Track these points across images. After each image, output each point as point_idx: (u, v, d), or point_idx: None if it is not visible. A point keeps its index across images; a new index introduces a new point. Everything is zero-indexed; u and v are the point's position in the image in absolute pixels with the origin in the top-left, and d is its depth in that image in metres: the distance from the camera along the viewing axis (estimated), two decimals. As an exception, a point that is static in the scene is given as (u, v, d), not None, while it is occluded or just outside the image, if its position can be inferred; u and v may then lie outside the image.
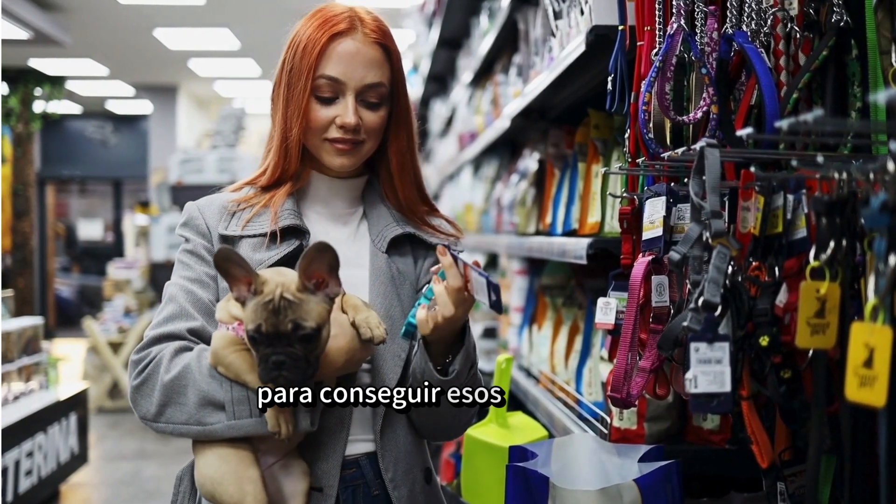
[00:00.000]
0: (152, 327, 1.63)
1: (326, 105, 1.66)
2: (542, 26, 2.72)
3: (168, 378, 1.55)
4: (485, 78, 4.16)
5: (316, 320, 1.46)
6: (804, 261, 1.20)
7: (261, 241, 1.66)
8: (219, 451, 1.53)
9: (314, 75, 1.65)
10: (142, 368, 1.58)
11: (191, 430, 1.54)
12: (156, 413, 1.56)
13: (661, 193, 1.56)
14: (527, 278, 3.25)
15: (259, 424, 1.51)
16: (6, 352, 5.33)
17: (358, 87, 1.65)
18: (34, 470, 5.24)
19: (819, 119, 1.02)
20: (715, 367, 1.21)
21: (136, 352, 1.61)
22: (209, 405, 1.53)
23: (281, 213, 1.67)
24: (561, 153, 2.73)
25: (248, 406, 1.51)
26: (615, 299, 1.75)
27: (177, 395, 1.55)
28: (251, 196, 1.72)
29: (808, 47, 1.42)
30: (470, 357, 1.61)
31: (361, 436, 1.65)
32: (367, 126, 1.68)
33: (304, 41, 1.66)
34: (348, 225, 1.77)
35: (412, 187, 1.77)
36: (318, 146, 1.69)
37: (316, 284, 1.48)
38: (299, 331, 1.44)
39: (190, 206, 1.73)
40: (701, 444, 1.93)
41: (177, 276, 1.68)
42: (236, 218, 1.69)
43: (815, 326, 1.13)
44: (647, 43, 1.69)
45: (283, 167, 1.70)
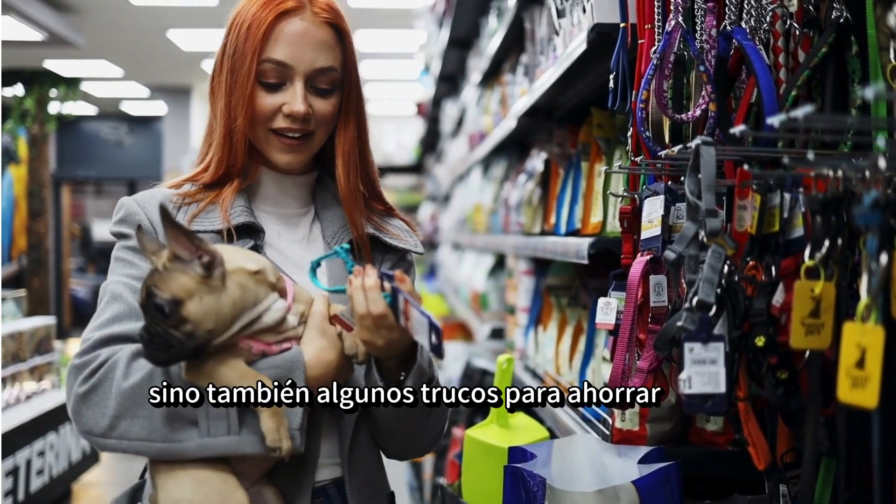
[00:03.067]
0: (96, 328, 1.44)
1: (272, 92, 1.52)
2: (547, 25, 2.71)
3: (127, 385, 1.36)
4: (493, 78, 4.15)
5: (172, 290, 1.30)
6: (801, 260, 1.19)
7: (213, 238, 1.50)
8: (195, 472, 1.36)
9: (259, 59, 1.50)
10: (89, 373, 1.38)
11: (152, 447, 1.36)
12: (107, 427, 1.36)
13: (659, 192, 1.54)
14: (533, 278, 3.24)
15: (237, 443, 1.35)
16: (18, 351, 5.35)
17: (307, 71, 1.51)
18: (46, 469, 5.27)
19: (810, 116, 1.00)
20: (709, 367, 1.20)
21: (78, 355, 1.41)
22: (178, 419, 1.35)
23: (233, 211, 1.53)
24: (566, 153, 2.72)
25: (225, 422, 1.35)
26: (616, 299, 1.74)
27: (137, 406, 1.35)
28: (195, 192, 1.57)
29: (807, 44, 1.40)
30: (425, 374, 1.47)
31: (328, 459, 1.53)
32: (317, 115, 1.53)
33: (247, 20, 1.51)
34: (300, 226, 1.63)
35: (359, 180, 1.61)
36: (263, 138, 1.55)
37: (199, 256, 1.32)
38: (151, 298, 1.30)
39: (126, 201, 1.56)
40: (704, 445, 1.91)
41: (118, 275, 1.50)
42: (182, 212, 1.54)
43: (809, 326, 1.11)
44: (647, 41, 1.68)
45: (229, 162, 1.55)
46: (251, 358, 1.38)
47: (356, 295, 1.36)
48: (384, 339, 1.38)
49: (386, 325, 1.36)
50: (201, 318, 1.31)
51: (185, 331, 1.30)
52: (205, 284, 1.32)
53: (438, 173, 8.47)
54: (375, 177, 1.67)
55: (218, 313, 1.32)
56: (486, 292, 4.43)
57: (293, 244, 1.61)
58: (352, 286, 1.37)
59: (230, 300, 1.33)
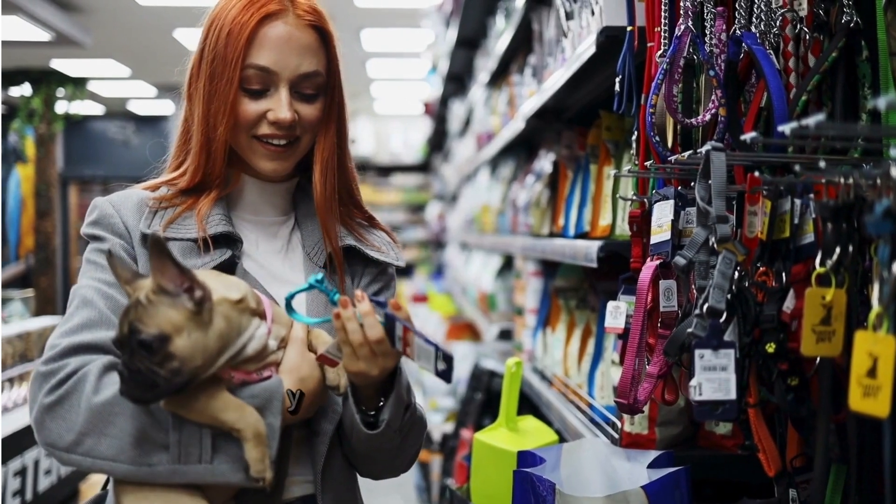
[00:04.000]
0: (64, 334, 1.36)
1: (256, 98, 1.46)
2: (555, 27, 2.70)
3: (97, 401, 1.29)
4: (501, 78, 4.15)
5: (160, 326, 1.23)
6: (812, 266, 1.18)
7: (189, 246, 1.45)
8: (163, 494, 1.30)
9: (241, 65, 1.43)
10: (57, 383, 1.31)
11: (119, 468, 1.29)
12: (72, 442, 1.29)
13: (668, 197, 1.54)
14: (541, 280, 3.24)
15: (209, 472, 1.29)
16: (26, 351, 5.37)
17: (292, 77, 1.45)
18: (54, 469, 5.28)
19: (822, 124, 1.00)
20: (720, 374, 1.20)
21: (45, 362, 1.34)
22: (148, 442, 1.29)
23: (211, 219, 1.47)
24: (574, 155, 2.71)
25: (198, 448, 1.29)
26: (625, 303, 1.74)
27: (106, 423, 1.29)
28: (171, 196, 1.50)
29: (817, 49, 1.40)
30: (402, 401, 1.42)
31: (299, 476, 1.47)
32: (303, 120, 1.48)
33: (227, 25, 1.44)
34: (279, 235, 1.57)
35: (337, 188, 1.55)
36: (246, 146, 1.49)
37: (186, 289, 1.26)
38: (135, 335, 1.22)
39: (100, 202, 1.49)
40: (713, 449, 1.91)
41: (89, 279, 1.43)
42: (158, 217, 1.47)
43: (820, 334, 1.11)
44: (656, 44, 1.67)
45: (206, 170, 1.48)
46: (231, 386, 1.33)
47: (349, 324, 1.30)
48: (379, 367, 1.33)
49: (382, 352, 1.31)
50: (189, 354, 1.24)
51: (172, 368, 1.23)
52: (193, 319, 1.25)
53: (445, 173, 8.47)
54: (355, 185, 1.62)
55: (205, 348, 1.26)
56: (494, 293, 4.42)
57: (271, 255, 1.55)
58: (342, 317, 1.30)
59: (216, 334, 1.27)
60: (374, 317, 1.30)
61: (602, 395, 2.24)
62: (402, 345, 1.30)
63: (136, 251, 1.46)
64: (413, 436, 1.50)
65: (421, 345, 1.27)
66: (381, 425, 1.40)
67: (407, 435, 1.47)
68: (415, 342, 1.28)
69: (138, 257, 1.45)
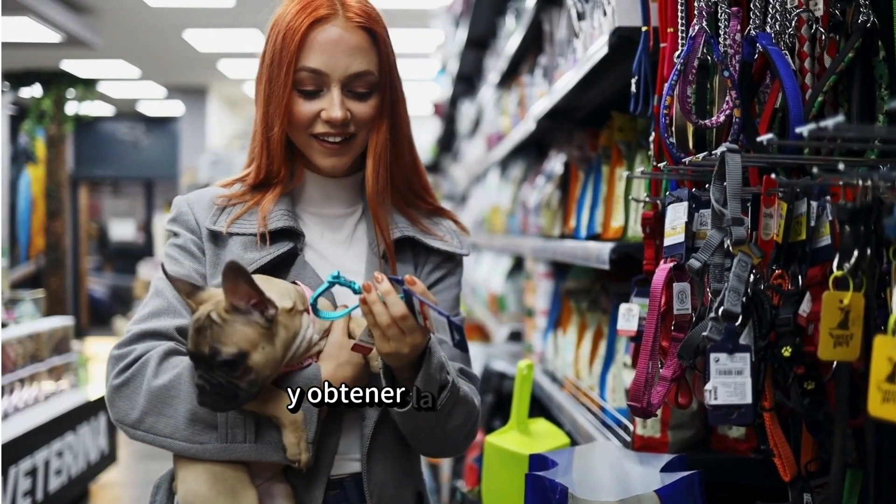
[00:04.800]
0: (136, 321, 1.52)
1: (310, 99, 1.54)
2: (566, 27, 2.69)
3: (156, 385, 1.44)
4: (511, 79, 4.14)
5: (238, 345, 1.35)
6: (828, 269, 1.17)
7: (251, 240, 1.55)
8: (212, 468, 1.44)
9: (294, 68, 1.52)
10: (124, 367, 1.46)
11: (175, 444, 1.44)
12: (136, 419, 1.44)
13: (682, 199, 1.53)
14: (552, 281, 3.23)
15: (252, 450, 1.43)
16: (37, 352, 5.38)
17: (342, 77, 1.52)
18: (64, 469, 5.29)
19: (840, 125, 0.98)
20: (735, 378, 1.19)
21: (117, 346, 1.49)
22: (199, 422, 1.43)
23: (273, 214, 1.56)
24: (585, 156, 2.70)
25: (243, 430, 1.43)
26: (637, 305, 1.73)
27: (163, 405, 1.44)
28: (242, 192, 1.61)
29: (833, 49, 1.38)
30: (435, 380, 1.45)
31: (348, 455, 1.56)
32: (357, 118, 1.55)
33: (282, 30, 1.53)
34: (344, 227, 1.65)
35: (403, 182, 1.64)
36: (305, 143, 1.57)
37: (254, 304, 1.37)
38: (217, 356, 1.35)
39: (179, 200, 1.62)
40: (726, 452, 1.90)
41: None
42: (225, 214, 1.58)
43: (838, 338, 1.09)
44: (670, 44, 1.66)
45: (268, 167, 1.59)
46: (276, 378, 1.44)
47: (375, 307, 1.36)
48: (409, 345, 1.38)
49: (408, 328, 1.37)
50: (263, 366, 1.37)
51: (250, 380, 1.36)
52: (265, 335, 1.37)
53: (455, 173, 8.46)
54: (419, 176, 1.68)
55: (275, 359, 1.39)
56: (504, 294, 4.41)
57: (335, 245, 1.63)
58: (368, 301, 1.37)
59: (281, 343, 1.40)
60: (395, 294, 1.37)
61: (614, 397, 2.23)
62: (423, 318, 1.35)
63: (204, 245, 1.57)
64: (456, 415, 1.53)
65: (435, 317, 1.33)
66: (408, 404, 1.44)
67: (449, 414, 1.50)
68: (431, 313, 1.33)
69: (206, 251, 1.57)
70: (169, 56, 11.29)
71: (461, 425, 1.55)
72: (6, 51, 9.60)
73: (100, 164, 15.25)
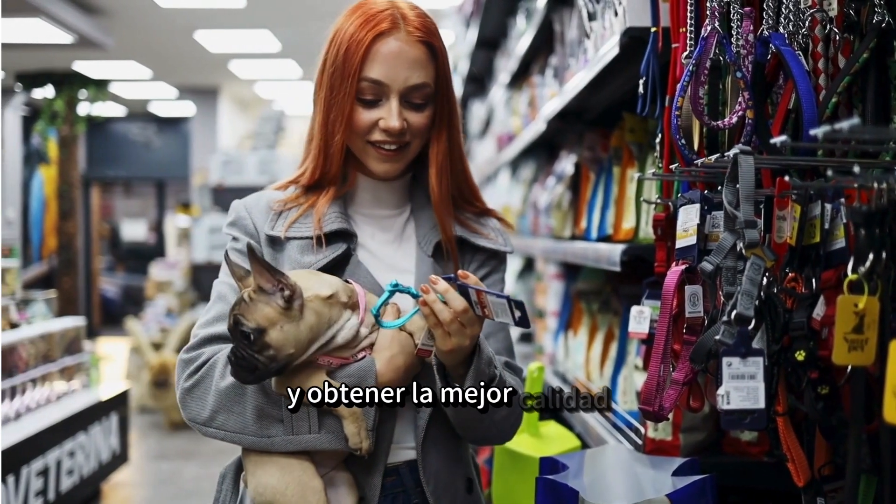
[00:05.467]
0: (201, 325, 1.61)
1: (369, 108, 1.61)
2: (577, 27, 2.68)
3: (224, 385, 1.53)
4: (522, 79, 4.13)
5: (257, 321, 1.45)
6: (842, 272, 1.16)
7: (308, 244, 1.63)
8: (280, 460, 1.53)
9: (357, 78, 1.59)
10: (194, 370, 1.56)
11: (245, 439, 1.53)
12: (207, 418, 1.54)
13: (694, 200, 1.51)
14: (563, 283, 3.21)
15: (317, 440, 1.52)
16: (49, 352, 5.39)
17: (402, 89, 1.60)
18: (76, 469, 5.30)
19: (856, 128, 0.97)
20: (748, 382, 1.17)
21: (185, 350, 1.59)
22: (266, 417, 1.53)
23: (328, 217, 1.64)
24: (596, 157, 2.69)
25: (307, 422, 1.52)
26: (649, 308, 1.72)
27: (232, 402, 1.53)
28: (296, 196, 1.69)
29: (848, 49, 1.37)
30: (483, 374, 1.52)
31: (404, 444, 1.63)
32: (412, 127, 1.62)
33: (345, 41, 1.60)
34: (394, 227, 1.72)
35: (451, 188, 1.71)
36: (361, 149, 1.65)
37: (280, 288, 1.46)
38: (238, 327, 1.46)
39: (237, 205, 1.70)
40: (738, 455, 1.88)
41: (224, 275, 1.65)
42: (282, 218, 1.66)
43: (852, 342, 1.08)
44: (681, 45, 1.64)
45: (324, 170, 1.66)
46: (332, 369, 1.53)
47: (436, 306, 1.44)
48: (469, 336, 1.46)
49: (469, 321, 1.45)
50: (282, 344, 1.46)
51: (268, 355, 1.46)
52: (285, 314, 1.46)
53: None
54: (470, 182, 1.76)
55: (297, 339, 1.47)
56: (515, 295, 4.40)
57: (385, 245, 1.70)
58: (428, 302, 1.45)
59: (307, 326, 1.48)
60: (453, 291, 1.44)
61: (625, 400, 2.22)
62: (480, 308, 1.43)
63: (263, 249, 1.65)
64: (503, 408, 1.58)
65: (494, 301, 1.41)
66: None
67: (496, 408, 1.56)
68: (489, 301, 1.41)
69: (265, 255, 1.64)
70: (180, 57, 11.31)
71: (507, 416, 1.62)
72: (19, 52, 9.65)
73: (111, 164, 15.30)
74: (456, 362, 1.51)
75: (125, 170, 15.47)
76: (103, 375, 6.29)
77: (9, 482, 4.47)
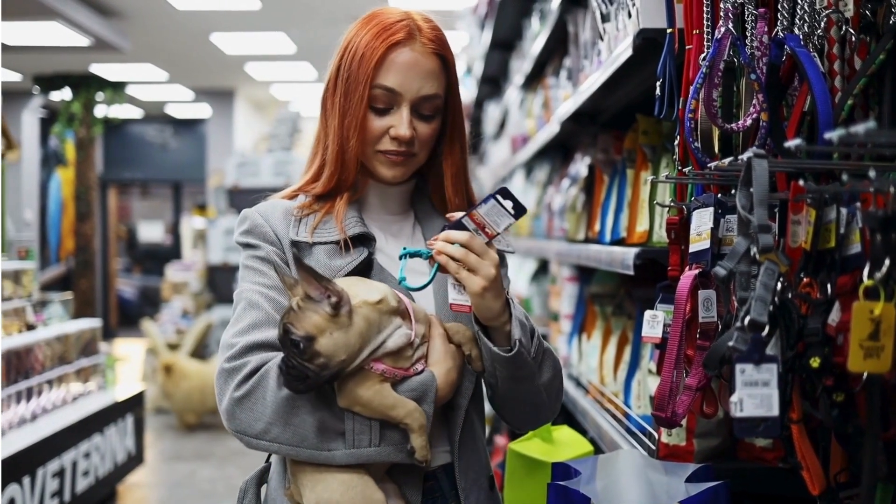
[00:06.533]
0: (238, 334, 1.56)
1: (380, 116, 1.63)
2: (591, 29, 2.66)
3: (283, 395, 1.49)
4: (536, 81, 4.11)
5: (306, 329, 1.44)
6: (858, 278, 1.14)
7: (334, 248, 1.63)
8: (340, 475, 1.51)
9: (371, 85, 1.61)
10: (243, 378, 1.51)
11: (302, 452, 1.50)
12: (261, 430, 1.49)
13: (708, 204, 1.50)
14: (577, 285, 3.20)
15: (377, 453, 1.50)
16: (65, 354, 5.42)
17: (414, 98, 1.62)
18: (91, 470, 5.32)
19: (872, 131, 0.95)
20: (762, 389, 1.15)
21: (228, 360, 1.53)
22: (328, 430, 1.50)
23: (348, 222, 1.65)
24: (610, 159, 2.67)
25: (368, 434, 1.50)
26: (662, 312, 1.70)
27: (290, 414, 1.49)
28: (309, 203, 1.68)
29: (864, 51, 1.35)
30: (525, 325, 1.56)
31: (439, 447, 1.63)
32: (420, 137, 1.64)
33: (360, 49, 1.62)
34: (403, 232, 1.75)
35: (464, 199, 1.74)
36: (370, 157, 1.66)
37: (327, 296, 1.45)
38: (287, 335, 1.44)
39: (251, 213, 1.68)
40: (753, 461, 1.86)
41: (251, 283, 1.61)
42: (303, 224, 1.65)
43: (868, 349, 1.06)
44: (695, 47, 1.63)
45: (341, 177, 1.66)
46: (388, 379, 1.51)
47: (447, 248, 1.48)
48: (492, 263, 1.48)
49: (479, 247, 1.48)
50: (332, 351, 1.44)
51: (319, 363, 1.44)
52: (334, 322, 1.44)
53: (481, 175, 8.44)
54: (472, 190, 1.79)
55: (347, 346, 1.45)
56: (530, 297, 4.38)
57: (399, 247, 1.69)
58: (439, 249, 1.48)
59: (357, 333, 1.46)
60: (452, 231, 1.50)
61: (638, 404, 2.20)
62: (482, 232, 1.48)
63: (287, 256, 1.64)
64: (547, 366, 1.62)
65: (487, 211, 1.46)
66: (515, 345, 1.52)
67: (541, 364, 1.60)
68: (484, 217, 1.47)
69: (289, 262, 1.64)
70: (196, 59, 11.36)
71: (552, 379, 1.64)
72: (37, 55, 9.71)
73: (128, 166, 15.38)
74: (494, 310, 1.51)
75: (142, 172, 15.54)
76: (119, 377, 6.32)
77: (24, 483, 4.49)
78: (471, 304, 1.51)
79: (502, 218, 1.46)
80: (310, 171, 1.72)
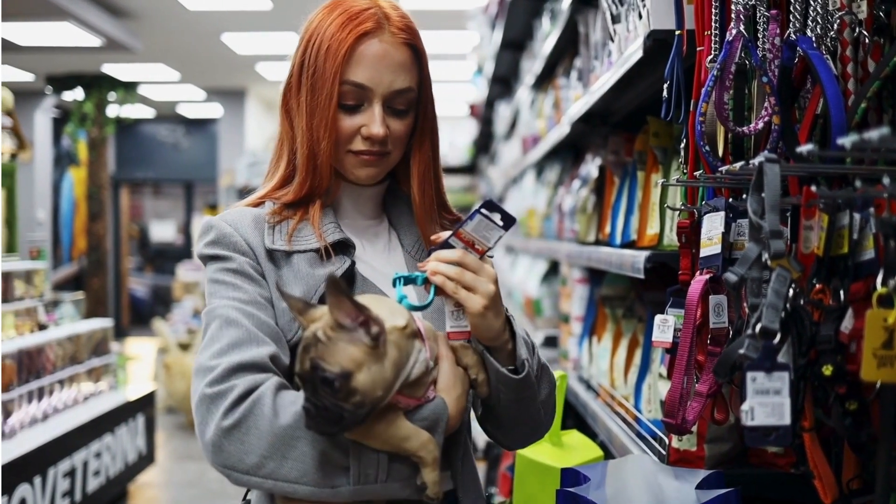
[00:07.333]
0: (217, 355, 1.37)
1: (350, 114, 1.50)
2: (601, 29, 2.65)
3: (281, 425, 1.31)
4: (547, 81, 4.09)
5: (342, 364, 1.25)
6: (872, 284, 1.12)
7: (314, 257, 1.50)
8: None
9: (340, 81, 1.47)
10: (231, 405, 1.32)
11: (300, 490, 1.32)
12: (253, 465, 1.31)
13: (719, 208, 1.48)
14: (587, 287, 3.18)
15: (383, 489, 1.35)
16: (76, 354, 5.43)
17: (385, 93, 1.49)
18: (102, 470, 5.33)
19: (885, 137, 0.93)
20: (773, 398, 1.14)
21: (209, 384, 1.34)
22: (331, 465, 1.33)
23: (325, 228, 1.52)
24: (621, 160, 2.65)
25: (375, 469, 1.34)
26: (673, 316, 1.68)
27: (288, 447, 1.31)
28: (279, 210, 1.54)
29: (877, 53, 1.33)
30: (526, 342, 1.48)
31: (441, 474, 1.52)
32: (393, 135, 1.52)
33: (326, 41, 1.48)
34: (379, 236, 1.63)
35: (432, 202, 1.61)
36: (341, 158, 1.53)
37: (361, 322, 1.27)
38: (318, 372, 1.25)
39: (216, 221, 1.52)
40: (765, 467, 1.84)
41: (224, 299, 1.44)
42: (278, 232, 1.51)
43: (882, 358, 1.04)
44: (706, 48, 1.61)
45: (313, 183, 1.53)
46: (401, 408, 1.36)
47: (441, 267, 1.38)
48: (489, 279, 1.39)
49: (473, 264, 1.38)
50: (370, 388, 1.27)
51: (355, 402, 1.26)
52: (371, 354, 1.27)
53: (492, 175, 8.43)
54: (443, 189, 1.67)
55: (384, 379, 1.28)
56: (540, 298, 4.37)
57: (376, 256, 1.60)
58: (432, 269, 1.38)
59: (391, 363, 1.30)
60: (442, 251, 1.39)
61: (649, 408, 2.18)
62: (477, 253, 1.39)
63: (262, 267, 1.49)
64: (545, 382, 1.54)
65: (474, 226, 1.38)
66: (523, 366, 1.44)
67: (540, 380, 1.52)
68: (471, 232, 1.38)
69: (265, 273, 1.49)
70: (208, 59, 11.37)
71: (549, 395, 1.56)
72: (49, 55, 9.74)
73: (140, 165, 15.42)
74: (495, 329, 1.41)
75: (154, 171, 15.58)
76: (130, 376, 6.33)
77: (35, 483, 4.50)
78: (470, 327, 1.40)
79: (491, 232, 1.37)
80: (275, 177, 1.58)
